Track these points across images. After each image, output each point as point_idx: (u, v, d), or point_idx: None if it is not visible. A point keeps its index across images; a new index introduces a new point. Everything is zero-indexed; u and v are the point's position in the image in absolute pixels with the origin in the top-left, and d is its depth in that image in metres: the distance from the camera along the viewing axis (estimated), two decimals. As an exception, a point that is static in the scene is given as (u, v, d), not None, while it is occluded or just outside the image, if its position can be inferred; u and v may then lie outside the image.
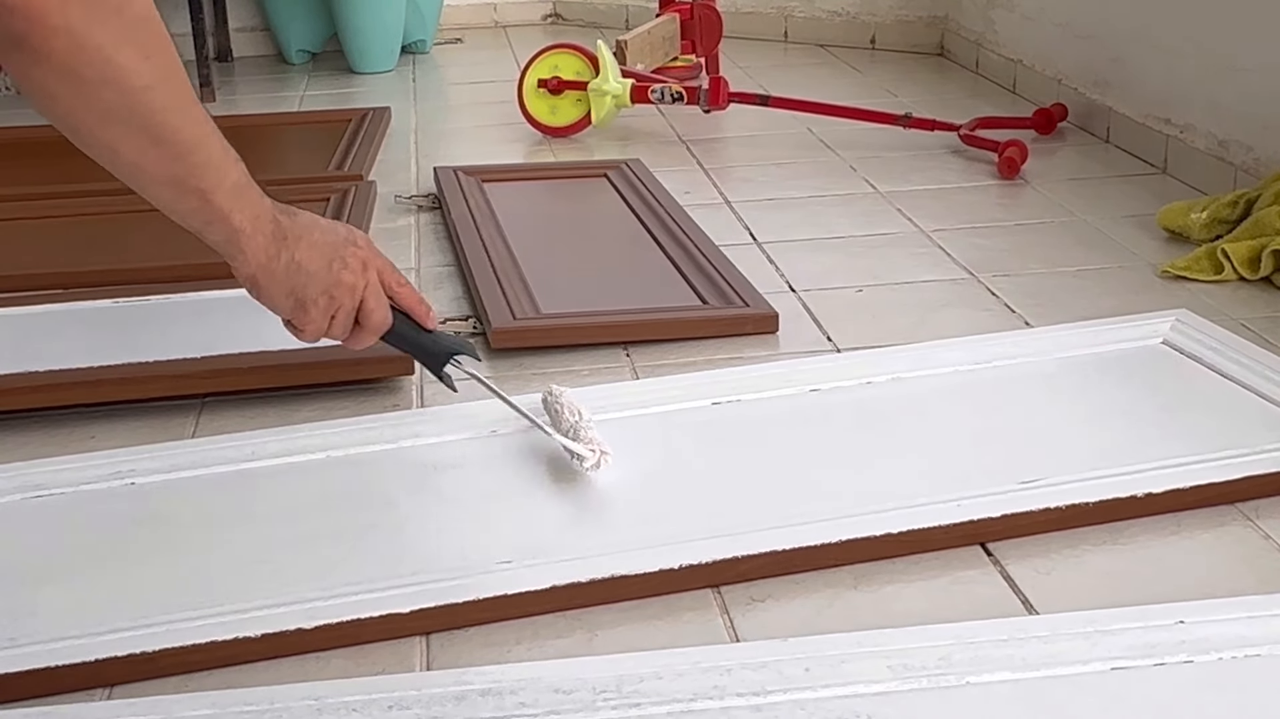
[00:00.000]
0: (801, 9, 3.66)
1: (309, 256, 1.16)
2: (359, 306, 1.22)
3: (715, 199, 2.36)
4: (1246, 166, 2.18)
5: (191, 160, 1.04)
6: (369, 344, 1.27)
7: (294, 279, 1.15)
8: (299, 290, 1.16)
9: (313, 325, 1.19)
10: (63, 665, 1.10)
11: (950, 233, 2.14)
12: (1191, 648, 1.08)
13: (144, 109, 0.97)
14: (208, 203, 1.07)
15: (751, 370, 1.62)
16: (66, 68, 0.90)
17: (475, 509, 1.34)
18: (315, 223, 1.19)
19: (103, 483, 1.40)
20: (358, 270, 1.21)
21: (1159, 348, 1.65)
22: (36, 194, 2.39)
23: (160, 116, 0.98)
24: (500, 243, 2.04)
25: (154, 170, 1.03)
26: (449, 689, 1.06)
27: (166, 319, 1.80)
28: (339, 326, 1.22)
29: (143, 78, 0.94)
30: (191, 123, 1.03)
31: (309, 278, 1.16)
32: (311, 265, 1.17)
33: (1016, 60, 3.04)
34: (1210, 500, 1.32)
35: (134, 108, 0.96)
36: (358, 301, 1.21)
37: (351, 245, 1.21)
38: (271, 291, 1.15)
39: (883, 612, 1.18)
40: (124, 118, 0.96)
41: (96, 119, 0.96)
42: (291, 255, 1.15)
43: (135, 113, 0.96)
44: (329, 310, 1.20)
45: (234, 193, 1.09)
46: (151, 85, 0.96)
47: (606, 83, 2.70)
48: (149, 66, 0.95)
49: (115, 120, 0.96)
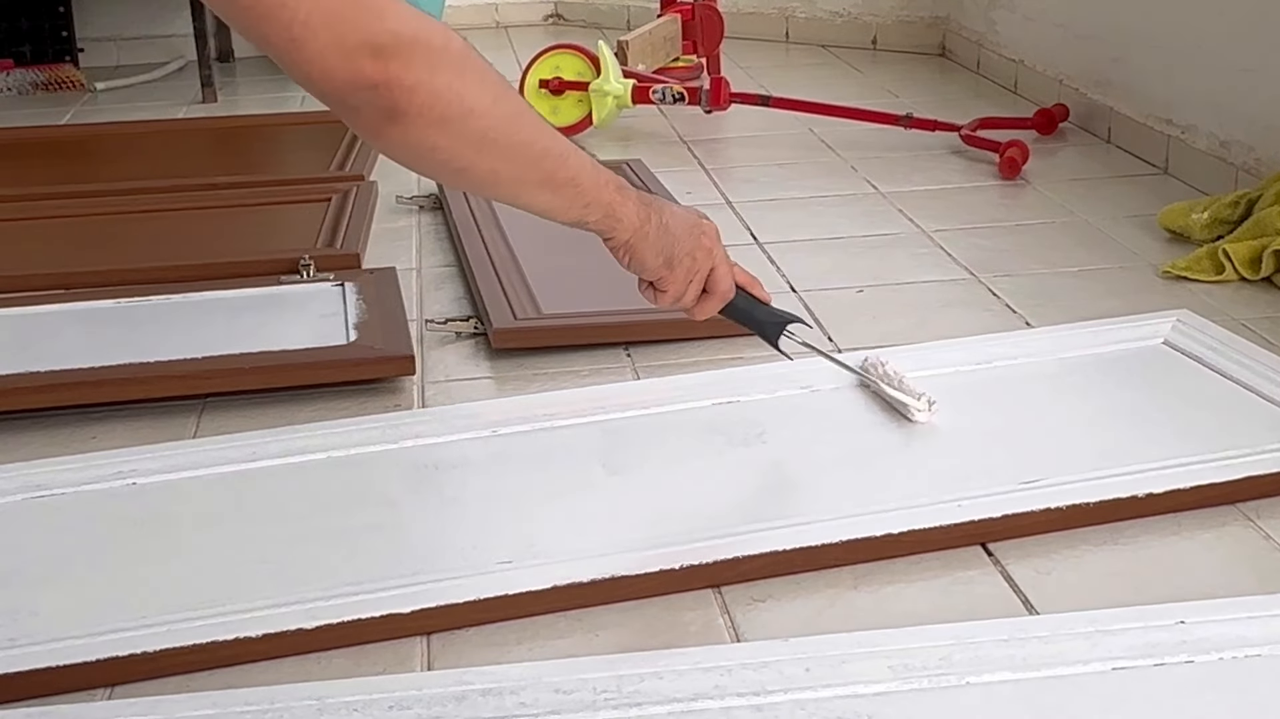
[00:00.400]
0: (803, 9, 3.66)
1: (673, 221, 1.26)
2: (710, 273, 1.30)
3: (716, 199, 2.36)
4: (1248, 167, 2.18)
5: (554, 155, 1.13)
6: (712, 313, 1.35)
7: (663, 239, 1.24)
8: (667, 249, 1.25)
9: (675, 285, 1.28)
10: (64, 665, 1.10)
11: (951, 233, 2.14)
12: (1192, 648, 1.08)
13: (503, 123, 1.07)
14: (581, 189, 1.16)
15: (752, 371, 1.62)
16: (436, 117, 1.01)
17: (476, 509, 1.34)
18: (665, 199, 1.31)
19: (104, 483, 1.40)
20: (713, 238, 1.30)
21: (1160, 348, 1.65)
22: (38, 194, 2.39)
23: (515, 123, 1.09)
24: (501, 243, 2.04)
25: (532, 176, 1.12)
26: (450, 689, 1.06)
27: (167, 319, 1.80)
28: (693, 290, 1.30)
29: (487, 96, 1.05)
30: (537, 120, 1.12)
31: (675, 239, 1.26)
32: (676, 229, 1.26)
33: (1018, 61, 3.04)
34: (1211, 501, 1.32)
35: (497, 125, 1.06)
36: (711, 267, 1.30)
37: (703, 219, 1.31)
38: (644, 253, 1.24)
39: (883, 612, 1.18)
40: (494, 138, 1.06)
41: (474, 150, 1.06)
42: (660, 218, 1.24)
43: (500, 129, 1.06)
44: (691, 271, 1.28)
45: (594, 172, 1.18)
46: (497, 98, 1.06)
47: (608, 83, 2.70)
48: (487, 84, 1.05)
49: (489, 144, 1.06)
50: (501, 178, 1.10)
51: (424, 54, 0.99)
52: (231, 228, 2.22)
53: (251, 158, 2.82)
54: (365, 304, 1.80)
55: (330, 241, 2.08)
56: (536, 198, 1.14)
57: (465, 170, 1.08)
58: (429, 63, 1.00)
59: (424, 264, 2.08)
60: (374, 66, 0.97)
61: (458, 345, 1.77)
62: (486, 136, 1.06)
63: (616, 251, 1.24)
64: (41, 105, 3.28)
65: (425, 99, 1.00)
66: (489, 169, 1.09)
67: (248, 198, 2.34)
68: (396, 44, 0.98)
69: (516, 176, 1.11)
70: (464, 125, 1.03)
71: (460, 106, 1.02)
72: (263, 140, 2.89)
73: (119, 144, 2.86)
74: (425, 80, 0.99)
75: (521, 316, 1.76)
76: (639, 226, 1.22)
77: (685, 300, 1.31)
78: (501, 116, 1.07)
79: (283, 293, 1.88)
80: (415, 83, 0.99)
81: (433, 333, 1.79)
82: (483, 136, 1.06)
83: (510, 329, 1.73)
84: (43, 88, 3.42)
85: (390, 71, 0.98)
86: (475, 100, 1.03)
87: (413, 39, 0.98)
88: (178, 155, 2.76)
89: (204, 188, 2.40)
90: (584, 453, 1.45)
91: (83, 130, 2.98)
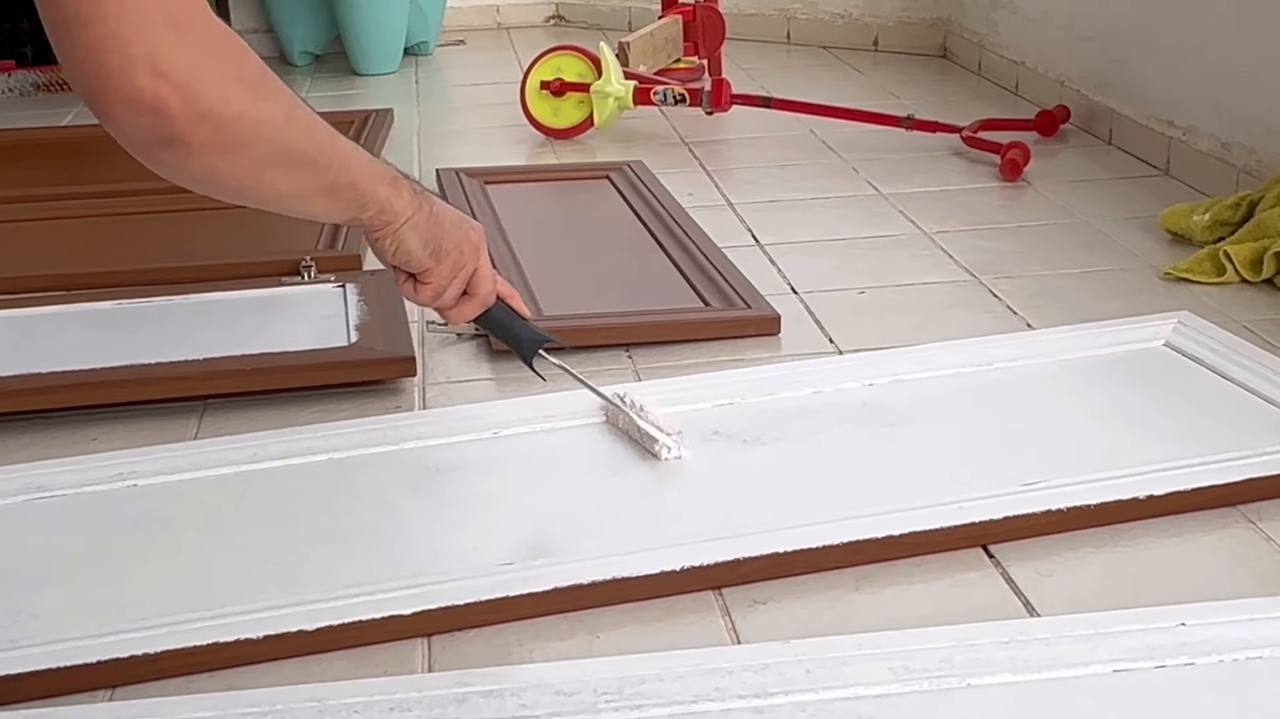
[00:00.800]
0: (804, 11, 3.66)
1: (443, 211, 1.25)
2: (472, 274, 1.29)
3: (717, 201, 2.36)
4: (1249, 168, 2.18)
5: (335, 166, 1.09)
6: (469, 317, 1.33)
7: (432, 229, 1.22)
8: (435, 240, 1.23)
9: (439, 278, 1.26)
10: (65, 667, 1.10)
11: (952, 234, 2.14)
12: (1193, 650, 1.08)
13: (288, 144, 1.02)
14: (358, 190, 1.13)
15: (753, 372, 1.62)
16: (221, 145, 0.94)
17: (477, 511, 1.34)
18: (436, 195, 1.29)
19: (104, 484, 1.40)
20: (480, 236, 1.29)
21: (1161, 350, 1.65)
22: (38, 196, 2.39)
23: (301, 143, 1.04)
24: (503, 244, 2.04)
25: (311, 188, 1.08)
26: (451, 691, 1.06)
27: (168, 320, 1.80)
28: (455, 288, 1.28)
29: (277, 120, 0.99)
30: (320, 132, 1.08)
31: (443, 230, 1.24)
32: (444, 220, 1.24)
33: (1019, 62, 3.04)
34: (1212, 503, 1.32)
35: (283, 147, 1.01)
36: (476, 265, 1.28)
37: (470, 219, 1.30)
38: (412, 242, 1.21)
39: (884, 614, 1.18)
40: (277, 160, 1.01)
41: (256, 173, 1.01)
42: (430, 208, 1.22)
43: (284, 151, 1.02)
44: (457, 265, 1.26)
45: (370, 171, 1.15)
46: (288, 120, 1.01)
47: (609, 84, 2.70)
48: (278, 108, 0.99)
49: (270, 165, 1.01)
50: (282, 193, 1.05)
51: (218, 82, 0.91)
52: (233, 229, 2.22)
53: (253, 159, 2.82)
54: (366, 306, 1.80)
55: (331, 243, 2.08)
56: (313, 206, 1.11)
57: (243, 190, 1.02)
58: (220, 89, 0.91)
59: (425, 265, 2.07)
60: (153, 86, 0.87)
61: (459, 347, 1.77)
62: (271, 160, 1.00)
63: (383, 241, 1.20)
64: (43, 106, 3.28)
65: (211, 130, 0.92)
66: (269, 187, 1.03)
67: (249, 199, 2.33)
68: (189, 66, 0.89)
69: (296, 190, 1.06)
70: (249, 152, 0.97)
71: (248, 135, 0.95)
72: (264, 141, 2.89)
73: (120, 146, 2.85)
74: (216, 111, 0.91)
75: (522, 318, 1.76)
76: (410, 215, 1.19)
77: (446, 298, 1.28)
78: (289, 139, 1.01)
79: (284, 294, 1.88)
80: (203, 113, 0.90)
81: (434, 334, 1.79)
82: (267, 160, 1.00)
83: (511, 330, 1.73)
84: (44, 89, 3.43)
85: (175, 100, 0.88)
86: (264, 127, 0.97)
87: (208, 61, 0.90)
88: (179, 156, 2.75)
89: (205, 189, 2.39)
90: (585, 455, 1.45)
91: (84, 131, 2.98)
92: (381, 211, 1.17)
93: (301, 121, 1.04)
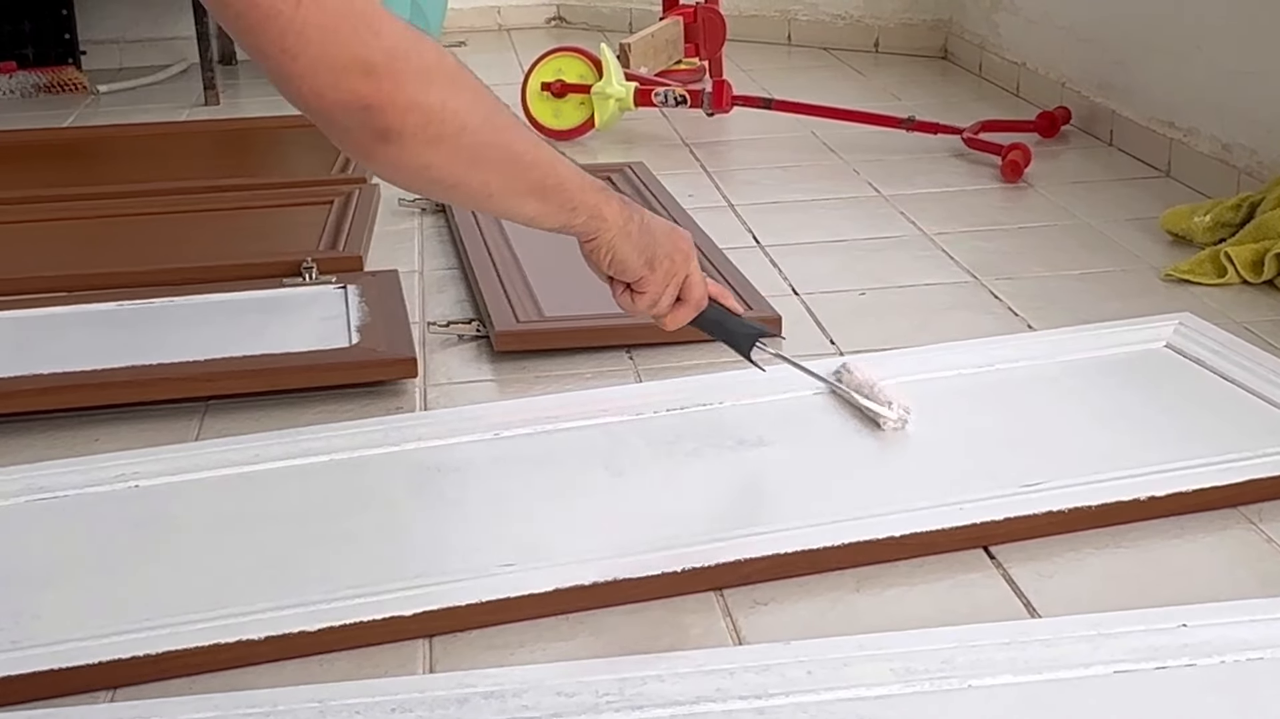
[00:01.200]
0: (805, 12, 3.67)
1: (653, 223, 1.26)
2: (684, 281, 1.30)
3: (718, 202, 2.36)
4: (1250, 170, 2.18)
5: (542, 164, 1.13)
6: (685, 322, 1.33)
7: (644, 239, 1.24)
8: (648, 249, 1.25)
9: (654, 287, 1.27)
10: (67, 668, 1.10)
11: (953, 236, 2.14)
12: (1194, 651, 1.08)
13: (495, 136, 1.07)
14: (568, 193, 1.16)
15: (754, 373, 1.61)
16: (429, 136, 1.00)
17: (478, 512, 1.34)
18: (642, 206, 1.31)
19: (106, 485, 1.40)
20: (689, 244, 1.30)
21: (1162, 351, 1.65)
22: (40, 197, 2.39)
23: (505, 136, 1.08)
24: (504, 246, 2.04)
25: (522, 186, 1.11)
26: (452, 692, 1.06)
27: (170, 322, 1.80)
28: (669, 296, 1.29)
29: (480, 112, 1.04)
30: (524, 130, 1.13)
31: (655, 240, 1.25)
32: (656, 230, 1.26)
33: (1020, 63, 3.04)
34: (1213, 504, 1.32)
35: (489, 139, 1.06)
36: (686, 273, 1.29)
37: (678, 227, 1.31)
38: (626, 251, 1.23)
39: (885, 615, 1.18)
40: (486, 153, 1.06)
41: (467, 166, 1.06)
42: (641, 219, 1.24)
43: (492, 143, 1.06)
44: (669, 274, 1.27)
45: (578, 176, 1.18)
46: (488, 113, 1.06)
47: (610, 86, 2.70)
48: (478, 101, 1.05)
49: (482, 159, 1.06)
50: (494, 190, 1.10)
51: (417, 72, 0.98)
52: (234, 230, 2.22)
53: (254, 160, 2.82)
54: (368, 307, 1.80)
55: (333, 244, 2.08)
56: (525, 207, 1.14)
57: (458, 186, 1.08)
58: (423, 81, 0.98)
59: (426, 267, 2.08)
60: (366, 86, 0.95)
61: (460, 348, 1.77)
62: (479, 152, 1.05)
63: (598, 251, 1.22)
64: (44, 108, 3.29)
65: (419, 119, 0.99)
66: (481, 183, 1.08)
67: (250, 200, 2.34)
68: (390, 62, 0.96)
69: (508, 188, 1.10)
70: (457, 143, 1.03)
71: (454, 124, 1.01)
72: (265, 143, 2.89)
73: (121, 147, 2.86)
74: (419, 100, 0.98)
75: (524, 319, 1.76)
76: (623, 225, 1.21)
77: (661, 306, 1.29)
78: (493, 131, 1.06)
79: (285, 295, 1.88)
80: (409, 103, 0.97)
81: (435, 335, 1.79)
82: (476, 152, 1.05)
83: (512, 332, 1.73)
84: (45, 90, 3.43)
85: (383, 91, 0.96)
86: (468, 117, 1.02)
87: (405, 55, 0.97)
88: (180, 158, 2.76)
89: (206, 190, 2.40)
90: (586, 456, 1.45)
91: (85, 133, 2.98)
92: (593, 217, 1.19)
93: (503, 117, 1.08)
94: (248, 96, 3.36)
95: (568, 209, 1.16)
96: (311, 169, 2.59)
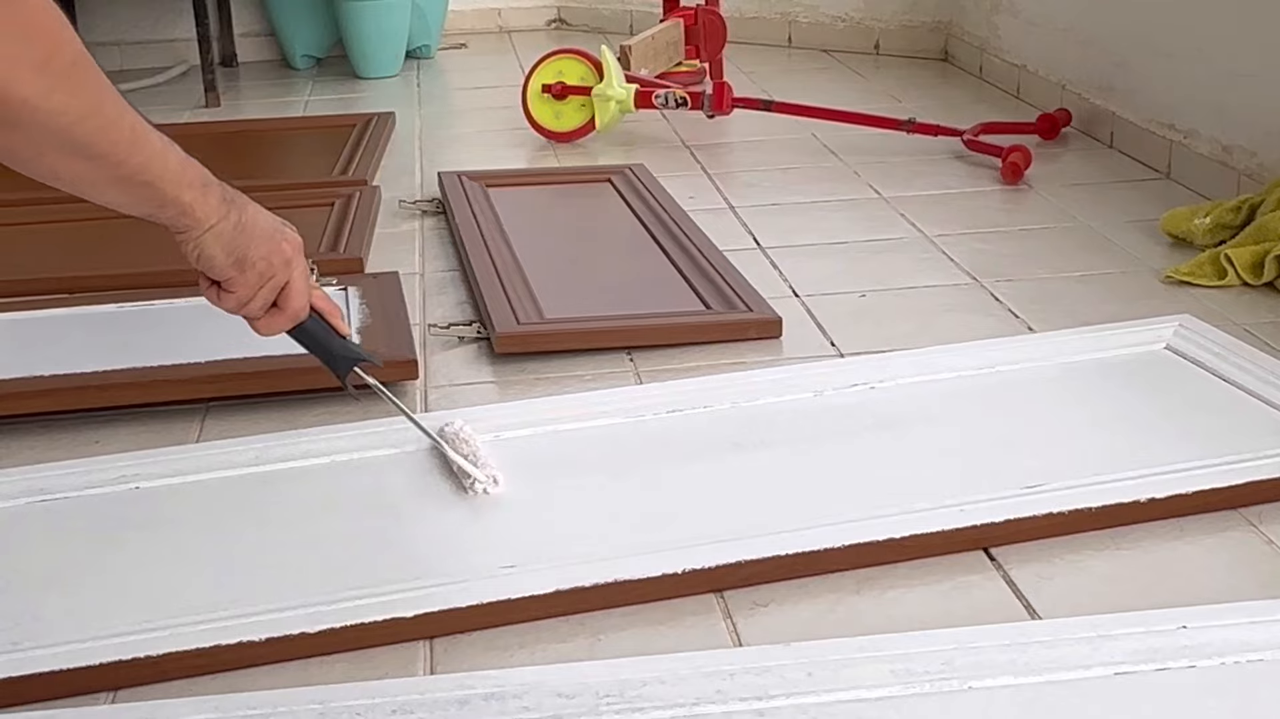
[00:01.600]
0: (806, 14, 3.67)
1: (254, 220, 1.21)
2: (283, 287, 1.24)
3: (719, 204, 2.36)
4: (1250, 172, 2.18)
5: (133, 163, 1.08)
6: (278, 331, 1.28)
7: (238, 238, 1.19)
8: (241, 249, 1.20)
9: (243, 289, 1.22)
10: (67, 669, 1.11)
11: (953, 238, 2.14)
12: (1194, 653, 1.08)
13: (79, 138, 1.02)
14: (156, 189, 1.12)
15: (754, 375, 1.62)
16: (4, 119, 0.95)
17: (479, 513, 1.34)
18: (256, 203, 1.25)
19: (107, 487, 1.40)
20: (294, 247, 1.24)
21: (1162, 353, 1.65)
22: (41, 199, 2.38)
23: (94, 138, 1.03)
24: (504, 248, 2.04)
25: (96, 178, 1.07)
26: (452, 693, 1.06)
27: (171, 324, 1.80)
28: (261, 299, 1.23)
29: (71, 114, 0.99)
30: (127, 132, 1.07)
31: (251, 240, 1.20)
32: (255, 230, 1.21)
33: (1020, 65, 3.04)
34: (1213, 505, 1.32)
35: (68, 139, 1.01)
36: (286, 279, 1.24)
37: (288, 228, 1.26)
38: (214, 251, 1.19)
39: (885, 616, 1.18)
40: (57, 147, 1.01)
41: (33, 152, 1.01)
42: (239, 216, 1.19)
43: (69, 142, 1.01)
44: (264, 276, 1.22)
45: (178, 174, 1.13)
46: (84, 116, 1.01)
47: (611, 88, 2.70)
48: (78, 102, 1.00)
49: (51, 149, 1.01)
50: (61, 177, 1.05)
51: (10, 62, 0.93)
52: (235, 232, 2.22)
53: (255, 162, 2.82)
54: (368, 308, 1.80)
55: (333, 246, 2.08)
56: (103, 195, 1.10)
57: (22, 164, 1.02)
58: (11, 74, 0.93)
59: (427, 268, 2.08)
60: None
61: (461, 350, 1.77)
62: (51, 145, 1.01)
63: (185, 245, 1.18)
64: (45, 110, 3.28)
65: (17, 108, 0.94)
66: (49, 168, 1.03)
67: (251, 202, 2.34)
68: None
69: (79, 178, 1.06)
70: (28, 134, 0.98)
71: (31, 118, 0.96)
72: (266, 145, 2.89)
73: None
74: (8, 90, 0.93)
75: (524, 321, 1.76)
76: (215, 224, 1.17)
77: (252, 308, 1.23)
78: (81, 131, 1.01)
79: (286, 297, 1.88)
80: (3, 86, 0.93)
81: (436, 337, 1.79)
82: (46, 144, 1.00)
83: (513, 333, 1.74)
84: (46, 92, 3.42)
85: None
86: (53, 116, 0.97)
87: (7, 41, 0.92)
88: (181, 160, 2.76)
89: (207, 192, 2.40)
90: (586, 457, 1.45)
91: (86, 135, 2.98)
92: (181, 215, 1.15)
93: (104, 118, 1.03)
94: (248, 98, 3.37)
95: (153, 203, 1.13)
96: (312, 171, 2.59)
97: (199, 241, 1.18)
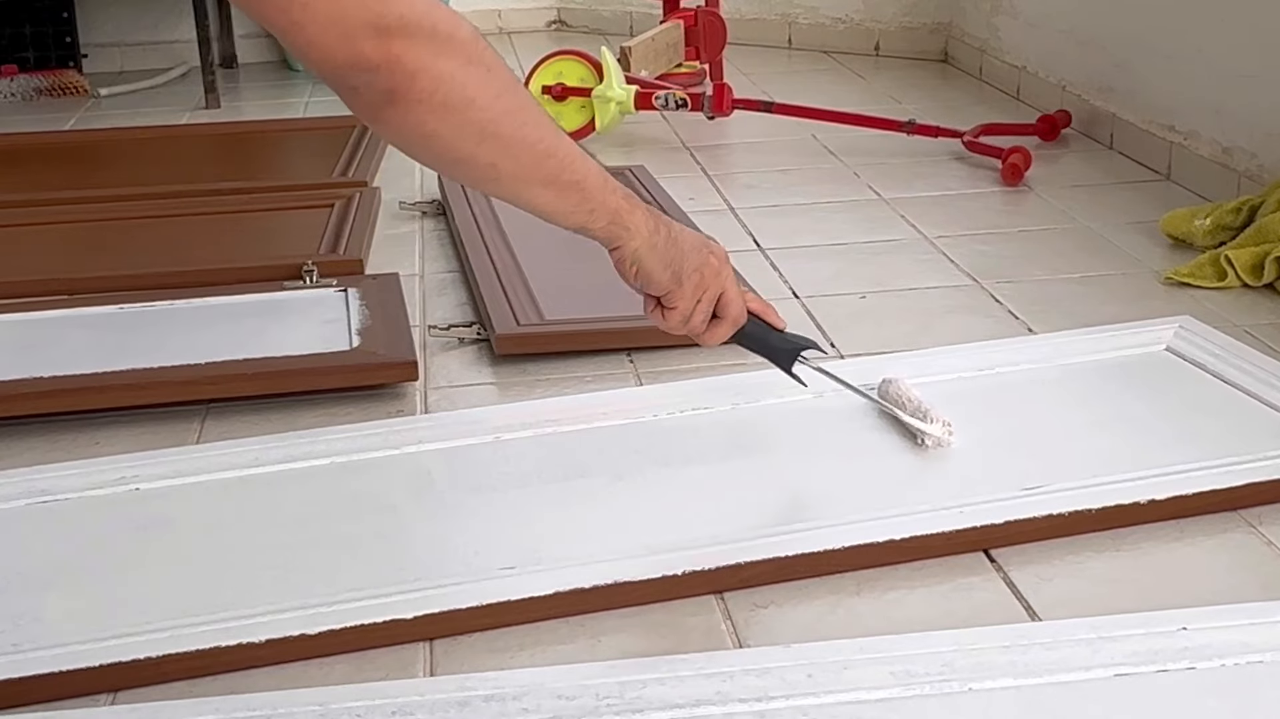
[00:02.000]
0: (806, 15, 3.67)
1: (682, 236, 1.24)
2: (719, 297, 1.27)
3: (719, 205, 2.36)
4: (1250, 173, 2.18)
5: (558, 157, 1.11)
6: (723, 339, 1.31)
7: (671, 252, 1.22)
8: (676, 263, 1.22)
9: (683, 302, 1.24)
10: (67, 671, 1.10)
11: (954, 239, 2.14)
12: (1194, 655, 1.08)
13: (506, 116, 1.05)
14: (586, 192, 1.14)
15: (755, 376, 1.62)
16: (436, 103, 0.99)
17: (479, 515, 1.34)
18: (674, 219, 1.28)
19: (107, 488, 1.40)
20: (722, 259, 1.27)
21: (1162, 354, 1.65)
22: (41, 200, 2.39)
23: (519, 117, 1.06)
24: (504, 249, 2.04)
25: (534, 175, 1.10)
26: (452, 695, 1.06)
27: (171, 325, 1.80)
28: (701, 312, 1.26)
29: (492, 88, 1.03)
30: (544, 120, 1.10)
31: (683, 254, 1.23)
32: (684, 244, 1.23)
33: (1020, 67, 3.04)
34: (1213, 507, 1.32)
35: (498, 118, 1.04)
36: (721, 289, 1.26)
37: (712, 241, 1.29)
38: (652, 265, 1.21)
39: (885, 618, 1.18)
40: (494, 130, 1.04)
41: (474, 141, 1.04)
42: (669, 231, 1.22)
43: (501, 122, 1.04)
44: (699, 289, 1.25)
45: (602, 178, 1.15)
46: (501, 91, 1.04)
47: (611, 89, 2.70)
48: (493, 77, 1.03)
49: (489, 135, 1.04)
50: (501, 173, 1.08)
51: (429, 38, 0.97)
52: (235, 233, 2.22)
53: (255, 164, 2.82)
54: (368, 310, 1.80)
55: (333, 247, 2.08)
56: (538, 197, 1.12)
57: (463, 162, 1.06)
58: (433, 48, 0.98)
59: (427, 270, 2.08)
60: (375, 47, 0.95)
61: (460, 351, 1.77)
62: (487, 129, 1.04)
63: (623, 263, 1.21)
64: (45, 111, 3.29)
65: (426, 84, 0.98)
66: (488, 163, 1.06)
67: (251, 204, 2.34)
68: (402, 26, 0.95)
69: (517, 174, 1.08)
70: (464, 115, 1.01)
71: (462, 95, 1.00)
72: (266, 146, 2.90)
73: (122, 150, 2.86)
74: (428, 65, 0.97)
75: (524, 322, 1.76)
76: (648, 237, 1.19)
77: (694, 323, 1.26)
78: (505, 110, 1.04)
79: (286, 298, 1.88)
80: (417, 67, 0.97)
81: (435, 338, 1.79)
82: (483, 129, 1.03)
83: (513, 335, 1.73)
84: (46, 93, 3.43)
85: (392, 53, 0.96)
86: (478, 91, 1.01)
87: (418, 22, 0.97)
88: (181, 161, 2.76)
89: (207, 193, 2.40)
90: (587, 459, 1.45)
91: (86, 136, 2.98)
92: (613, 223, 1.17)
93: (519, 101, 1.07)
94: (249, 100, 3.37)
95: (585, 209, 1.14)
96: (312, 172, 2.59)
97: (636, 255, 1.20)
